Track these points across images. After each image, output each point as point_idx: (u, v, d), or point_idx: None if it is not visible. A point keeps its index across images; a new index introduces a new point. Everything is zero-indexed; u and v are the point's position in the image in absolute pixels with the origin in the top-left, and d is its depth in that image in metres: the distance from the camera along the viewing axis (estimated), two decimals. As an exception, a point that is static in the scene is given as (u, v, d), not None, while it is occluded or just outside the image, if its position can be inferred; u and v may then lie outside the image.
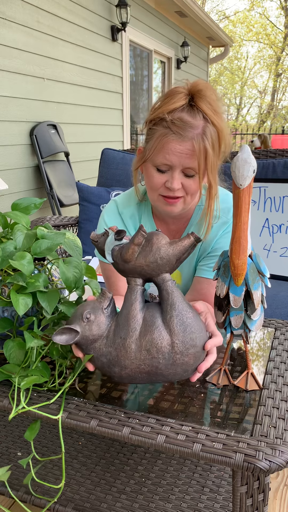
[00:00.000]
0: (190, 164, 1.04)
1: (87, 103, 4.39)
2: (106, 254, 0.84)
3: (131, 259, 0.80)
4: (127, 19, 4.71)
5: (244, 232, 0.83)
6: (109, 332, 0.82)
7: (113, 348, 0.80)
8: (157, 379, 0.82)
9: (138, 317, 0.80)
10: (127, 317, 0.81)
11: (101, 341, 0.82)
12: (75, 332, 0.80)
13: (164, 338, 0.79)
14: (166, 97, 1.06)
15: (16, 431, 1.31)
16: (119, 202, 1.26)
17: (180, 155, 1.03)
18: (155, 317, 0.80)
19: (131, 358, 0.80)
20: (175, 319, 0.79)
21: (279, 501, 1.29)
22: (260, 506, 0.79)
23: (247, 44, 21.89)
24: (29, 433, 0.86)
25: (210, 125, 1.03)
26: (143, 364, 0.80)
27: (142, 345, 0.79)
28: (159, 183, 1.09)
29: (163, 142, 1.04)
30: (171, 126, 1.02)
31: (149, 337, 0.79)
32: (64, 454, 1.20)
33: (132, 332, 0.80)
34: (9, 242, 0.91)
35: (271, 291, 1.65)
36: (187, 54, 6.98)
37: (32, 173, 3.60)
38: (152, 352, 0.79)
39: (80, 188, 2.14)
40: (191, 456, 0.73)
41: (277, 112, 21.28)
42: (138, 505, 1.03)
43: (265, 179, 1.84)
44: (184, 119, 1.02)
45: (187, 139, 1.02)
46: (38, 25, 3.52)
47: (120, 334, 0.80)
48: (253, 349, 1.09)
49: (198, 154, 1.02)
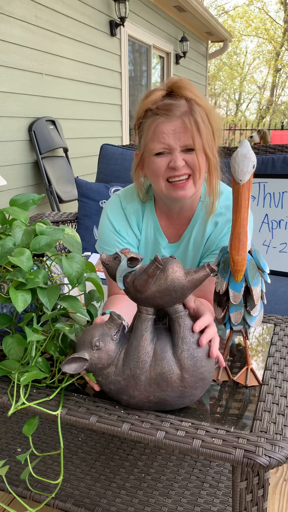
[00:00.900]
0: (186, 140, 1.05)
1: (85, 98, 4.37)
2: (117, 280, 0.81)
3: (144, 290, 0.78)
4: (126, 14, 4.69)
5: (244, 228, 0.82)
6: (118, 360, 0.81)
7: (122, 378, 0.80)
8: (164, 408, 0.83)
9: (149, 349, 0.80)
10: (137, 348, 0.80)
11: (110, 368, 0.81)
12: (84, 361, 0.79)
13: (174, 372, 0.79)
14: (145, 96, 1.10)
15: (15, 427, 1.31)
16: (123, 197, 1.25)
17: (174, 134, 1.05)
18: (166, 350, 0.80)
19: (140, 390, 0.80)
20: (186, 353, 0.79)
21: (278, 496, 1.29)
22: (260, 501, 0.79)
23: (246, 39, 21.79)
24: (27, 428, 0.86)
25: (195, 105, 1.06)
26: (152, 396, 0.80)
27: (151, 377, 0.79)
28: (162, 166, 1.09)
29: (154, 127, 1.06)
30: (158, 111, 1.05)
31: (159, 370, 0.79)
32: (64, 450, 1.20)
33: (142, 364, 0.79)
34: (8, 238, 0.90)
35: (270, 286, 1.65)
36: (186, 49, 6.95)
37: (31, 169, 3.59)
38: (162, 386, 0.79)
39: (79, 184, 2.14)
40: (191, 452, 0.73)
41: (276, 108, 21.22)
42: (138, 501, 1.03)
43: (264, 174, 1.84)
44: (167, 102, 1.05)
45: (176, 117, 1.04)
46: (36, 20, 3.50)
47: (130, 365, 0.80)
48: (252, 344, 1.09)
49: (190, 128, 1.04)
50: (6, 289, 0.93)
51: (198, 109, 1.05)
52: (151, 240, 1.26)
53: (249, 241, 0.87)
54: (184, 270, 0.79)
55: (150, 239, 1.26)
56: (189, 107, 1.05)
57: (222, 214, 1.19)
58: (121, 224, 1.23)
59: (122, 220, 1.23)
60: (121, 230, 1.23)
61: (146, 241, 1.26)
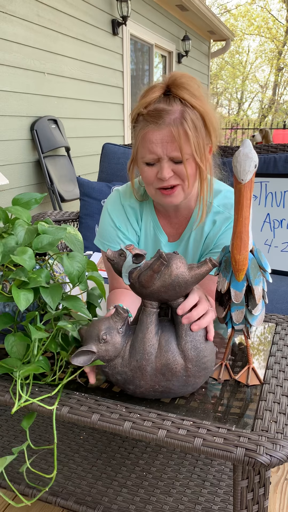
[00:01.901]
0: (173, 151, 1.04)
1: (87, 97, 4.37)
2: (123, 275, 0.84)
3: (149, 285, 0.81)
4: (128, 13, 4.68)
5: (246, 227, 0.82)
6: (124, 352, 0.84)
7: (129, 369, 0.83)
8: (168, 395, 0.86)
9: (154, 341, 0.83)
10: (143, 340, 0.83)
11: (116, 360, 0.84)
12: (91, 353, 0.82)
13: (178, 363, 0.82)
14: (143, 93, 1.08)
15: (17, 425, 1.32)
16: (122, 193, 1.26)
17: (162, 144, 1.03)
18: (170, 342, 0.83)
19: (146, 380, 0.83)
20: (189, 344, 0.82)
21: (279, 495, 1.29)
22: (261, 500, 0.79)
23: (248, 38, 21.76)
24: (25, 422, 0.87)
25: (190, 108, 1.03)
26: (157, 385, 0.83)
27: (157, 368, 0.82)
28: (151, 176, 1.09)
29: (143, 135, 1.05)
30: (148, 118, 1.04)
31: (164, 361, 0.82)
32: (66, 448, 1.21)
33: (148, 356, 0.82)
34: (10, 237, 0.91)
35: (272, 286, 1.65)
36: (188, 48, 6.95)
37: (33, 168, 3.59)
38: (167, 375, 0.82)
39: (81, 183, 2.14)
40: (192, 451, 0.73)
41: (278, 107, 21.18)
42: (139, 499, 1.04)
43: (266, 174, 1.84)
44: (159, 108, 1.03)
45: (164, 126, 1.02)
46: (38, 19, 3.50)
47: (136, 357, 0.83)
48: (254, 343, 1.09)
49: (178, 138, 1.02)
50: (9, 288, 0.93)
51: (191, 114, 1.02)
52: (151, 237, 1.26)
53: (251, 240, 0.87)
54: (187, 266, 0.81)
55: (150, 236, 1.26)
56: (181, 114, 1.02)
57: (220, 212, 1.19)
58: (121, 219, 1.24)
59: (121, 215, 1.24)
60: (121, 225, 1.24)
61: (146, 238, 1.27)
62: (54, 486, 1.08)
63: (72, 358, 0.81)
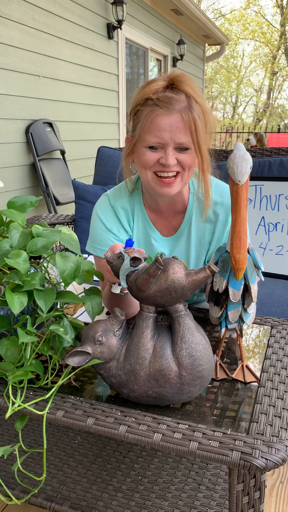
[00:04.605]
0: (181, 138, 1.04)
1: (83, 101, 4.38)
2: (120, 278, 0.85)
3: (145, 289, 0.81)
4: (123, 16, 4.70)
5: (244, 226, 0.84)
6: (119, 355, 0.84)
7: (123, 372, 0.83)
8: (163, 403, 0.85)
9: (148, 346, 0.82)
10: (137, 345, 0.83)
11: (111, 363, 0.84)
12: (86, 354, 0.82)
13: (172, 369, 0.81)
14: (146, 84, 1.08)
15: (12, 429, 1.31)
16: (110, 195, 1.26)
17: (171, 130, 1.04)
18: (165, 348, 0.82)
19: (140, 384, 0.82)
20: (184, 352, 0.81)
21: (274, 498, 1.29)
22: (256, 503, 0.79)
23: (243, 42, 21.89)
24: (18, 424, 0.87)
25: (194, 102, 1.05)
26: (151, 391, 0.83)
27: (150, 373, 0.82)
28: (152, 160, 1.08)
29: (152, 117, 1.04)
30: (158, 102, 1.04)
31: (158, 367, 0.81)
32: (60, 452, 1.20)
33: (142, 360, 0.82)
34: (4, 240, 0.90)
35: (267, 289, 1.65)
36: (183, 52, 6.98)
37: (28, 171, 3.59)
38: (160, 382, 0.82)
39: (76, 186, 2.14)
40: (187, 454, 0.73)
41: (273, 111, 21.29)
42: (135, 503, 1.03)
43: (261, 177, 1.84)
44: (168, 95, 1.04)
45: (175, 111, 1.03)
46: (33, 22, 3.50)
47: (130, 361, 0.82)
48: (249, 346, 1.09)
49: (189, 124, 1.03)
50: (3, 291, 0.93)
51: (196, 106, 1.05)
52: (142, 233, 1.26)
53: (248, 239, 0.88)
54: (185, 271, 0.81)
55: (140, 232, 1.26)
56: (188, 103, 1.04)
57: (219, 202, 1.19)
58: (111, 221, 1.24)
59: (112, 217, 1.24)
60: (113, 227, 1.24)
61: (138, 235, 1.26)
62: (49, 491, 1.07)
63: (67, 358, 0.81)
